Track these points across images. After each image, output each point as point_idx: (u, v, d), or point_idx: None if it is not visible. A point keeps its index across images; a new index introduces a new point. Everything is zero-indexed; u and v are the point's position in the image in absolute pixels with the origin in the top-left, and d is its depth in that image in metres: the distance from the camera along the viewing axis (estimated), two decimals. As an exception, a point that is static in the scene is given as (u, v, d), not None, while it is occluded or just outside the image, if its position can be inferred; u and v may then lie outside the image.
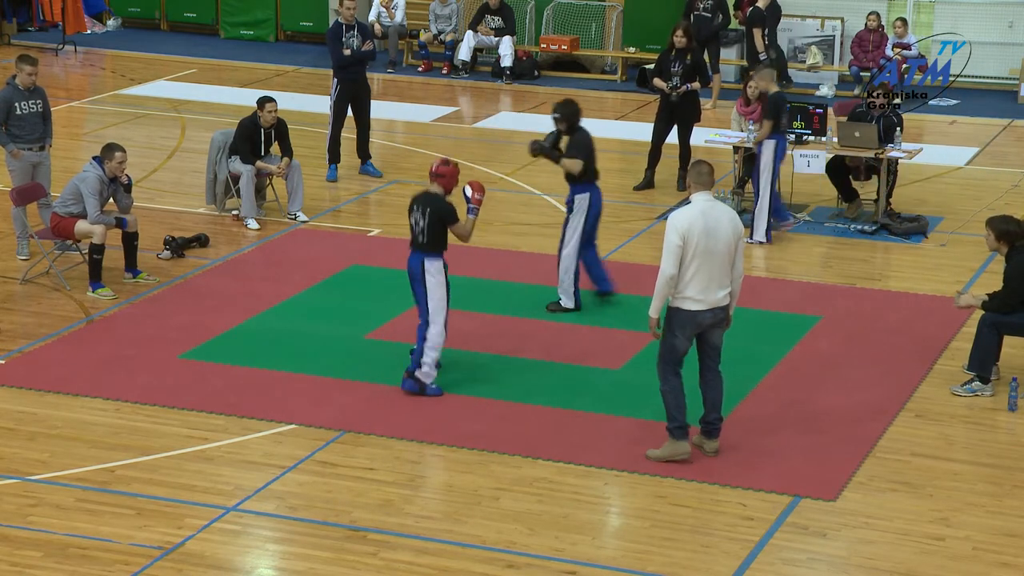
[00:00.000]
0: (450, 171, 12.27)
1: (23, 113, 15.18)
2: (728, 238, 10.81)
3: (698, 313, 10.86)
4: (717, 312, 10.91)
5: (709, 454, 11.21)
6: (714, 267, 10.79)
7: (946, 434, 11.78)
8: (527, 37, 25.08)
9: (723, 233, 10.79)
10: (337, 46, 18.06)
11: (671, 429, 11.11)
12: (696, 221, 10.75)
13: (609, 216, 16.77)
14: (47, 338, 13.46)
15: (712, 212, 10.83)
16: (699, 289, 10.80)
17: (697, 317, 10.88)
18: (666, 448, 11.13)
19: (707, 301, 10.83)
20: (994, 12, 23.38)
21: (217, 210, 16.92)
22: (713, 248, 10.76)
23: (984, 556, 9.99)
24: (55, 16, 26.33)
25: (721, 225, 10.80)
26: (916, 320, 14.08)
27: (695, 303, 10.83)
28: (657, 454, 11.15)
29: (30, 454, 11.27)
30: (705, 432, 11.26)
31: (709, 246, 10.74)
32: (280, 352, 13.13)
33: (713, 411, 11.19)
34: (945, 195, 18.05)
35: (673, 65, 17.85)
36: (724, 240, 10.79)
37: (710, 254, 10.76)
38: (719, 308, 10.91)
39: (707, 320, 10.90)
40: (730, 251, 10.84)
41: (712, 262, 10.78)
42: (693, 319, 10.88)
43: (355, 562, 9.81)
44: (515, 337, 13.52)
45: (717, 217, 10.83)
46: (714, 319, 10.93)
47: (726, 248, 10.81)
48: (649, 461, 11.12)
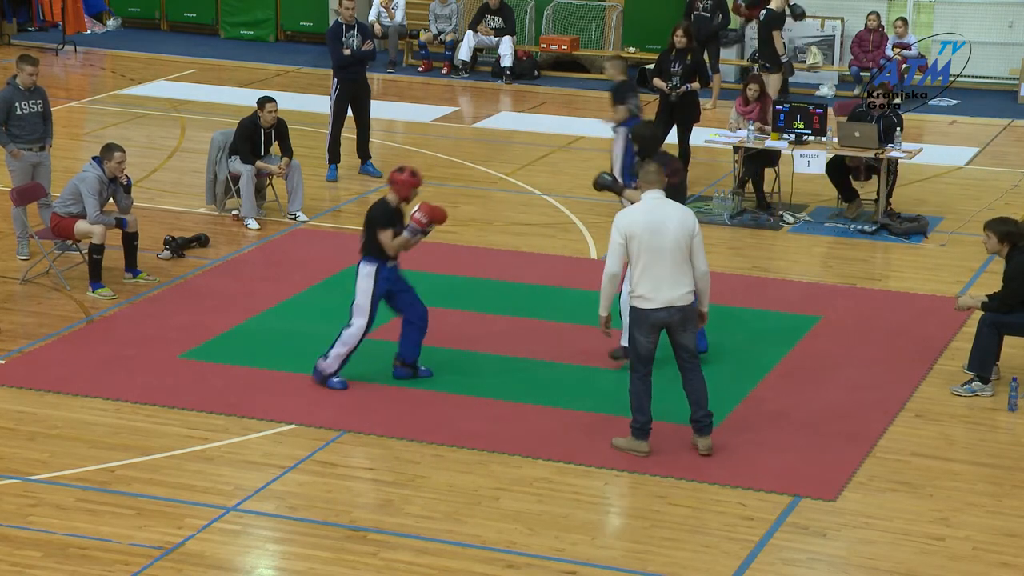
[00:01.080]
0: (401, 179, 12.21)
1: (23, 113, 15.18)
2: (676, 235, 10.85)
3: (651, 312, 10.93)
4: (672, 312, 10.92)
5: (703, 453, 11.20)
6: (663, 265, 10.86)
7: (946, 434, 11.78)
8: (527, 37, 25.08)
9: (670, 230, 10.84)
10: (337, 46, 18.07)
11: (632, 427, 11.26)
12: (638, 219, 10.90)
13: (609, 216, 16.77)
14: (47, 338, 13.47)
15: (658, 210, 10.93)
16: (649, 287, 10.89)
17: (651, 316, 10.94)
18: (627, 441, 11.29)
19: (659, 299, 10.89)
20: (994, 12, 23.38)
21: (217, 210, 16.92)
22: (660, 245, 10.83)
23: (984, 556, 9.99)
24: (55, 16, 26.34)
25: (668, 222, 10.87)
26: (916, 320, 14.08)
27: (646, 301, 10.92)
28: (620, 443, 11.31)
29: (30, 454, 11.27)
30: (696, 430, 11.26)
31: (654, 243, 10.83)
32: (280, 352, 13.13)
33: (699, 409, 11.19)
34: (945, 195, 18.05)
35: (673, 65, 17.85)
36: (672, 237, 10.83)
37: (656, 251, 10.84)
38: (675, 307, 10.92)
39: (662, 318, 10.94)
40: (680, 248, 10.87)
41: (660, 260, 10.85)
42: (647, 317, 10.95)
43: (355, 562, 9.81)
44: (515, 337, 13.52)
45: (664, 214, 10.91)
46: (670, 318, 10.94)
47: (674, 245, 10.85)
48: (649, 461, 11.13)
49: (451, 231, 16.27)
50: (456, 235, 16.22)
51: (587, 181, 18.43)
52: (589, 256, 15.70)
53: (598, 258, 15.61)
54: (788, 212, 17.08)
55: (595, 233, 16.32)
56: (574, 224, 16.71)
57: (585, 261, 15.54)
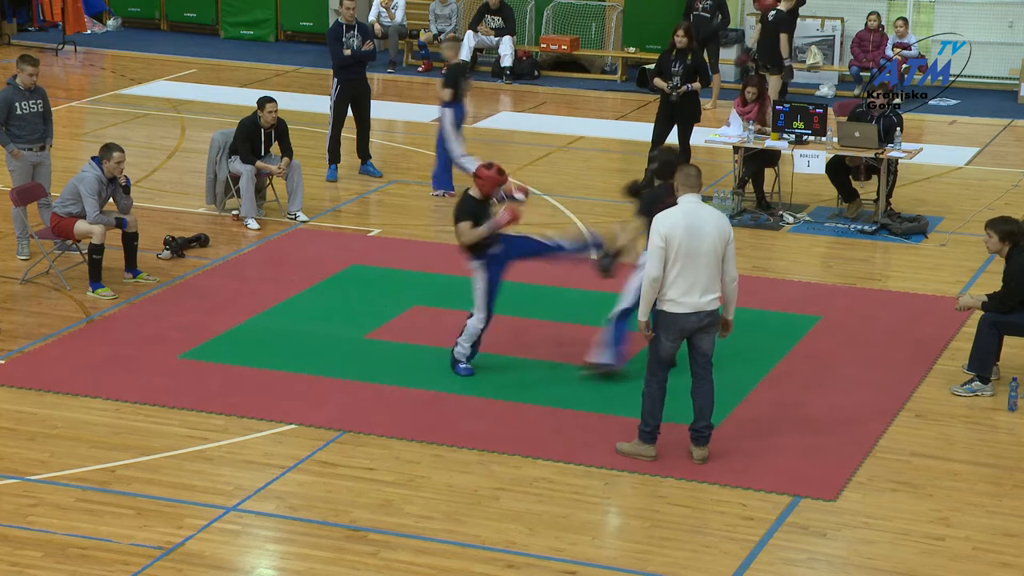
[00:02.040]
0: (488, 175, 12.41)
1: (23, 113, 15.18)
2: (713, 240, 10.73)
3: (680, 316, 10.80)
4: (702, 316, 10.82)
5: (697, 462, 11.15)
6: (698, 270, 10.72)
7: (946, 434, 11.78)
8: (527, 37, 25.09)
9: (707, 235, 10.71)
10: (337, 46, 18.08)
11: (640, 430, 11.17)
12: (679, 222, 10.71)
13: (609, 216, 16.78)
14: (47, 338, 13.46)
15: (697, 214, 10.77)
16: (681, 292, 10.74)
17: (680, 320, 10.81)
18: (633, 446, 11.22)
19: (689, 304, 10.76)
20: (994, 12, 23.39)
21: (217, 210, 16.92)
22: (696, 250, 10.69)
23: (984, 556, 9.99)
24: (55, 16, 26.34)
25: (705, 227, 10.73)
26: (916, 320, 14.08)
27: (677, 305, 10.77)
28: (625, 448, 11.24)
29: (30, 454, 11.27)
30: (693, 439, 11.20)
31: (692, 248, 10.68)
32: (280, 352, 13.13)
33: (701, 419, 11.12)
34: (945, 195, 18.05)
35: (674, 65, 17.84)
36: (709, 242, 10.71)
37: (693, 256, 10.69)
38: (704, 312, 10.81)
39: (691, 324, 10.83)
40: (715, 253, 10.75)
41: (696, 264, 10.71)
42: (675, 322, 10.82)
43: (355, 562, 9.81)
44: (515, 337, 13.51)
45: (702, 219, 10.76)
46: (699, 323, 10.83)
47: (711, 250, 10.73)
48: (648, 461, 11.12)
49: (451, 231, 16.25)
50: (456, 235, 16.21)
51: (587, 181, 18.50)
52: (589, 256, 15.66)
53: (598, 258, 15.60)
54: (788, 212, 17.08)
55: (595, 233, 16.31)
56: (574, 224, 16.69)
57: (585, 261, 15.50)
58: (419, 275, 15.08)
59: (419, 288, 14.72)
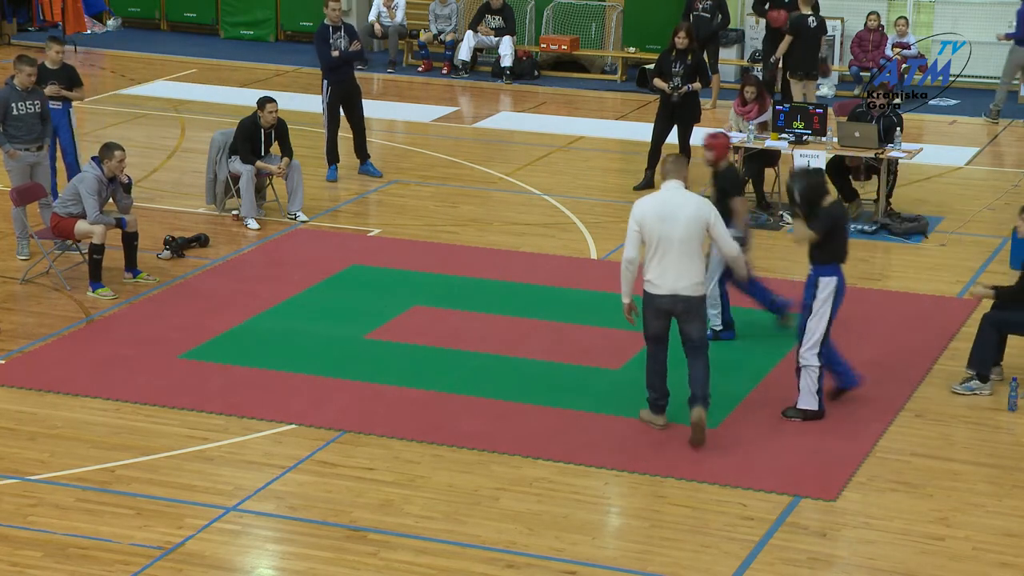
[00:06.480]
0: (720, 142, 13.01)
1: (20, 113, 15.18)
2: (687, 225, 11.06)
3: (656, 297, 11.22)
4: (677, 300, 11.16)
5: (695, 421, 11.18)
6: (671, 254, 11.09)
7: (946, 434, 11.78)
8: (527, 37, 25.08)
9: (681, 220, 11.05)
10: (325, 48, 18.09)
11: (647, 399, 11.64)
12: (649, 209, 11.16)
13: (609, 216, 16.79)
14: (47, 338, 13.46)
15: (673, 199, 11.16)
16: (656, 273, 11.18)
17: (656, 300, 11.23)
18: (647, 413, 11.69)
19: (664, 286, 11.16)
20: (994, 12, 23.36)
21: (217, 210, 16.92)
22: (669, 234, 11.06)
23: (984, 556, 9.99)
24: (55, 16, 26.33)
25: (681, 212, 11.07)
26: (916, 320, 14.07)
27: (653, 287, 11.23)
28: (643, 415, 11.72)
29: (30, 454, 11.27)
30: (691, 404, 11.33)
31: (664, 232, 11.07)
32: (280, 352, 13.13)
33: (696, 387, 11.29)
34: (945, 195, 18.05)
35: (674, 65, 17.84)
36: (683, 226, 11.04)
37: (666, 240, 11.08)
38: (679, 297, 11.15)
39: (666, 305, 11.20)
40: (691, 238, 11.08)
41: (668, 249, 11.09)
42: (652, 302, 11.27)
43: (355, 562, 9.81)
44: (515, 337, 13.51)
45: (678, 204, 11.12)
46: (674, 306, 11.19)
47: (684, 235, 11.05)
48: (648, 461, 11.14)
49: (451, 231, 16.30)
50: (456, 235, 16.22)
51: (587, 181, 18.50)
52: (589, 256, 15.70)
53: (598, 258, 15.62)
54: (788, 212, 17.06)
55: (595, 233, 16.32)
56: (574, 224, 16.70)
57: (585, 261, 15.54)
58: (419, 275, 15.08)
59: (419, 288, 14.72)
